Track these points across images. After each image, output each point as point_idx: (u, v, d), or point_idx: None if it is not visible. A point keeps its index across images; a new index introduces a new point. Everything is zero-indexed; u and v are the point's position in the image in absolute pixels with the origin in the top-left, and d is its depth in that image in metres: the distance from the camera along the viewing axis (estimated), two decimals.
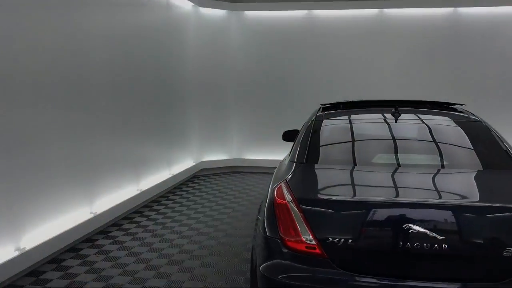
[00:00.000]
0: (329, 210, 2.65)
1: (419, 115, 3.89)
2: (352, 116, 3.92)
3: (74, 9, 4.82)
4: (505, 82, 8.17)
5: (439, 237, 2.41)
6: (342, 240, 2.52)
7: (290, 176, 3.00)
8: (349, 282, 2.50)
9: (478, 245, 2.47)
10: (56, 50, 4.53)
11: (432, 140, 3.53)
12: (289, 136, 4.97)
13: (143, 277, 4.13)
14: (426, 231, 2.42)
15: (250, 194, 7.22)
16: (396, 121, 3.65)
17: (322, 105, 4.39)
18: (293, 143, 3.90)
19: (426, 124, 3.74)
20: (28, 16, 4.14)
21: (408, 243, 2.44)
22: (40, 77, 4.31)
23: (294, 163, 3.24)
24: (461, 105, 4.16)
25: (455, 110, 4.02)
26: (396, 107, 3.76)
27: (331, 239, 2.54)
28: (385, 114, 3.82)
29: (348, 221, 2.59)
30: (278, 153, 8.03)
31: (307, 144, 3.40)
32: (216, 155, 9.04)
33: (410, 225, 2.44)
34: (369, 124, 3.85)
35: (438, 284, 2.46)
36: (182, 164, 8.06)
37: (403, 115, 3.74)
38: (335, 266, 2.54)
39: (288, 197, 2.69)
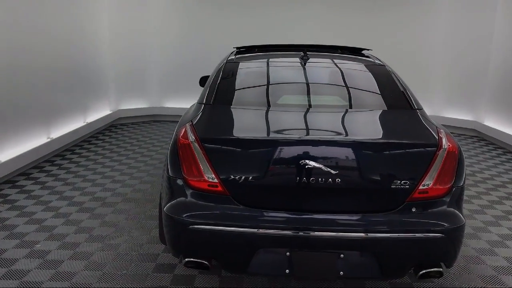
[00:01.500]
0: (231, 149, 2.68)
1: (327, 58, 3.97)
2: (263, 59, 3.93)
3: None
4: (411, 32, 8.55)
5: (333, 171, 2.51)
6: (243, 177, 2.56)
7: (195, 117, 2.98)
8: (250, 217, 2.57)
9: (368, 179, 2.61)
10: None
11: (340, 82, 3.63)
12: (205, 81, 4.91)
13: (50, 224, 4.01)
14: (321, 166, 2.51)
15: (170, 142, 7.12)
16: (305, 64, 3.70)
17: (236, 48, 4.35)
18: None
19: (334, 67, 3.85)
20: None
21: (305, 178, 2.53)
22: None
23: (202, 105, 3.22)
24: (368, 50, 4.28)
25: (362, 55, 4.14)
26: (305, 50, 3.80)
27: (232, 177, 2.57)
28: (295, 58, 3.86)
29: (248, 158, 2.63)
30: None
31: (215, 86, 3.37)
32: (135, 103, 8.77)
33: (306, 160, 2.52)
34: (279, 67, 3.88)
35: (335, 216, 2.59)
36: (98, 113, 7.75)
37: (312, 59, 3.80)
38: (236, 202, 2.59)
39: (191, 137, 2.68)
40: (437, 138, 2.68)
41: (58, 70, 6.32)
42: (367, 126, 3.05)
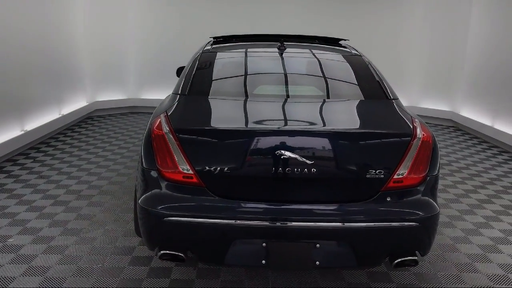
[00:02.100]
0: (206, 139, 2.64)
1: (305, 49, 3.95)
2: (239, 49, 3.91)
3: None
4: (389, 24, 8.59)
5: (308, 162, 2.50)
6: (218, 168, 2.54)
7: (170, 108, 2.94)
8: (225, 208, 2.55)
9: (343, 169, 2.61)
10: None
11: (317, 72, 3.62)
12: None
13: (24, 218, 3.92)
14: (296, 156, 2.49)
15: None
16: (282, 54, 3.67)
17: (212, 38, 4.30)
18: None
19: (312, 57, 3.84)
20: None
21: (281, 169, 2.51)
22: None
23: (177, 95, 3.17)
24: (345, 40, 4.27)
25: (339, 45, 4.13)
26: (282, 41, 3.78)
27: (207, 168, 2.54)
28: (273, 48, 3.83)
29: (223, 149, 2.60)
30: None
31: (191, 76, 3.32)
32: (111, 95, 8.64)
33: (282, 151, 2.50)
34: (255, 57, 3.85)
35: (310, 206, 2.58)
36: (74, 104, 7.61)
37: (290, 49, 3.78)
38: (212, 193, 2.56)
39: (165, 128, 2.64)
40: (412, 127, 2.69)
41: (31, 61, 6.17)
42: (343, 116, 3.04)
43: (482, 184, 5.12)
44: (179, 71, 5.09)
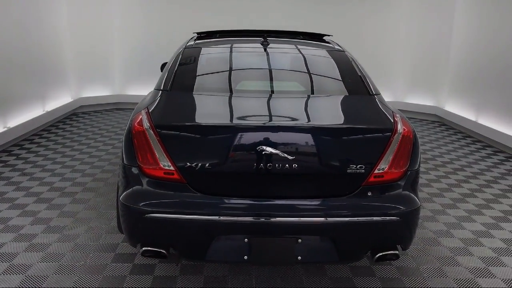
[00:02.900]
0: (186, 135, 2.62)
1: (289, 44, 3.95)
2: (222, 44, 3.88)
3: None
4: (375, 21, 8.64)
5: (289, 157, 2.50)
6: (200, 164, 2.53)
7: (151, 104, 2.92)
8: (207, 205, 2.55)
9: (324, 164, 2.61)
10: None
11: (302, 67, 3.61)
12: None
13: (5, 216, 3.88)
14: (278, 152, 2.49)
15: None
16: (266, 50, 3.66)
17: (196, 33, 4.27)
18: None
19: (295, 53, 3.83)
20: None
21: (262, 165, 2.51)
22: None
23: (159, 91, 3.15)
24: (329, 36, 4.28)
25: (323, 40, 4.13)
26: (265, 36, 3.76)
27: (188, 164, 2.53)
28: (256, 43, 3.81)
29: (204, 145, 2.59)
30: None
31: (173, 72, 3.30)
32: (97, 91, 8.56)
33: (263, 147, 2.50)
34: (238, 52, 3.83)
35: (291, 201, 2.59)
36: (58, 101, 7.53)
37: (273, 44, 3.77)
38: (193, 190, 2.55)
39: (146, 124, 2.62)
40: (393, 122, 2.70)
41: (14, 57, 6.10)
42: (325, 111, 3.04)
43: (465, 179, 5.17)
44: (163, 66, 5.06)
